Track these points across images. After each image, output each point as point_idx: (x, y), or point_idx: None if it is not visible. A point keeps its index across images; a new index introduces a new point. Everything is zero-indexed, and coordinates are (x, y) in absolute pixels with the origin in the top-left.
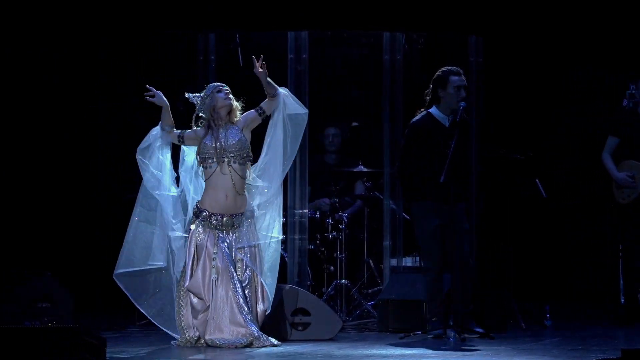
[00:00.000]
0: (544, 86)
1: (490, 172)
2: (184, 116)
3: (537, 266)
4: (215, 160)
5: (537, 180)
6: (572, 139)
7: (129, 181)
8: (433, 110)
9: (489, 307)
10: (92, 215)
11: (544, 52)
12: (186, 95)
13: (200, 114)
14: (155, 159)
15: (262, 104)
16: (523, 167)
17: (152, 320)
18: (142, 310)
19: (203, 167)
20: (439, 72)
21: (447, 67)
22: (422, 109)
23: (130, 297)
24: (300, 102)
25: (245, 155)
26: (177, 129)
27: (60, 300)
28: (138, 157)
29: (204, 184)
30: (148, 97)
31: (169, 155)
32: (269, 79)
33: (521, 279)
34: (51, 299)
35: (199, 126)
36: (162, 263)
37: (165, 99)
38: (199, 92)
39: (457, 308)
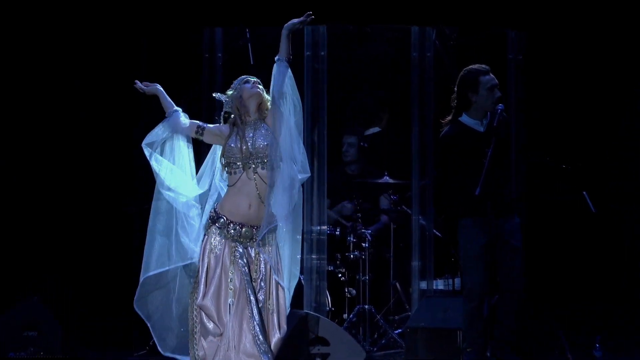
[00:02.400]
0: (594, 87)
1: (533, 184)
2: (190, 117)
3: (586, 291)
4: (240, 164)
5: (585, 194)
6: (629, 148)
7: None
8: (463, 118)
9: (532, 336)
10: (85, 230)
11: (595, 47)
12: (214, 95)
13: (229, 111)
14: (168, 148)
15: None
16: (570, 179)
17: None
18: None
19: (227, 171)
20: (464, 73)
21: (473, 67)
22: (448, 117)
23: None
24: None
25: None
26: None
27: (48, 329)
28: (144, 146)
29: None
30: (140, 88)
31: (185, 144)
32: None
33: (568, 305)
34: (38, 326)
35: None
36: (180, 262)
37: (156, 85)
38: (205, 93)
39: (497, 338)
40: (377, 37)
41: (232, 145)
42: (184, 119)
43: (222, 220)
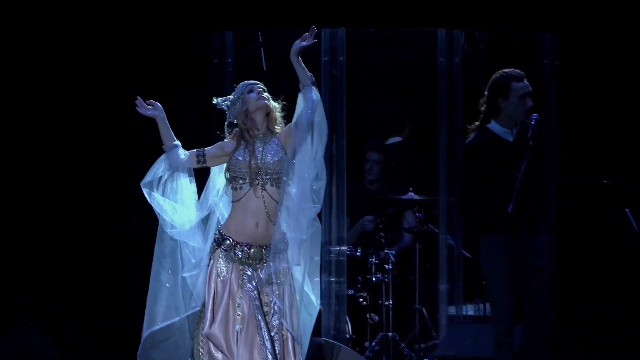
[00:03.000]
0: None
1: (571, 200)
2: (196, 131)
3: (585, 291)
4: (247, 180)
5: (627, 211)
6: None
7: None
8: (492, 124)
9: None
10: (85, 229)
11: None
12: (214, 101)
13: (234, 121)
14: (170, 188)
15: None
16: (612, 194)
17: None
18: None
19: (232, 187)
20: (496, 77)
21: (506, 71)
22: (476, 123)
23: None
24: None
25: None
26: (189, 149)
27: (44, 356)
28: (143, 186)
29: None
30: (138, 109)
31: (187, 180)
32: (303, 65)
33: (568, 305)
34: (33, 354)
35: (230, 133)
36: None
37: (159, 107)
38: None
39: None
40: (400, 41)
41: (240, 158)
42: (183, 153)
43: (228, 242)
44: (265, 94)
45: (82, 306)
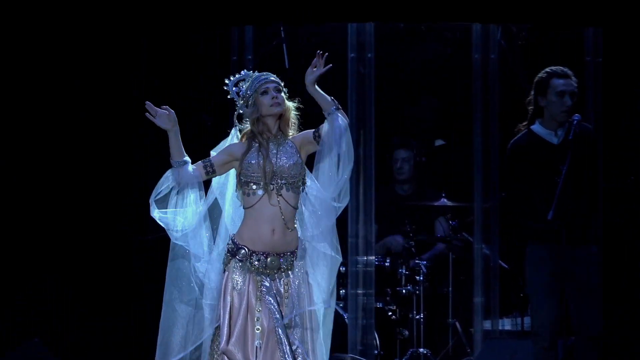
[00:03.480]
0: None
1: (614, 207)
2: (211, 133)
3: None
4: (261, 185)
5: None
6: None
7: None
8: (535, 126)
9: None
10: (85, 229)
11: None
12: (226, 84)
13: (242, 113)
14: (177, 205)
15: (320, 128)
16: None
17: None
18: None
19: (244, 192)
20: (540, 74)
21: (552, 68)
22: (524, 123)
23: None
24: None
25: (301, 182)
26: (200, 152)
27: None
28: (153, 213)
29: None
30: (149, 116)
31: (197, 196)
32: (322, 92)
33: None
34: None
35: (239, 124)
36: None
37: (173, 118)
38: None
39: None
40: (432, 37)
41: (253, 162)
42: (192, 168)
43: (244, 251)
44: (280, 96)
45: (82, 306)
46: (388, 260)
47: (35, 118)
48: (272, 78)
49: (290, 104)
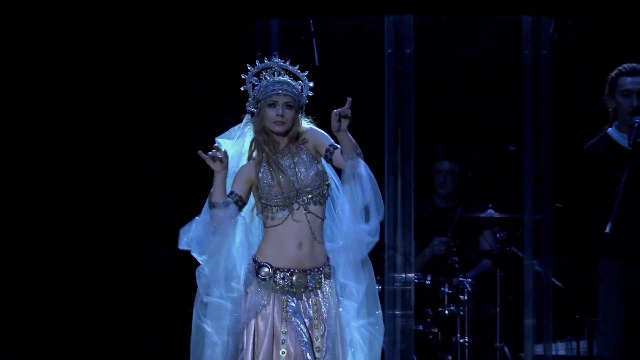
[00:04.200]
0: None
1: None
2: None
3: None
4: (283, 206)
5: None
6: None
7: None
8: (611, 129)
9: None
10: (85, 229)
11: None
12: (245, 72)
13: (250, 110)
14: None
15: (336, 151)
16: None
17: None
18: None
19: (266, 216)
20: (611, 73)
21: (623, 65)
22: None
23: None
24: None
25: (326, 191)
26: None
27: None
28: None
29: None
30: (204, 156)
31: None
32: (349, 135)
33: None
34: None
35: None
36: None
37: (225, 160)
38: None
39: None
40: (478, 31)
41: (272, 183)
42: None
43: (267, 269)
44: (289, 114)
45: (82, 306)
46: (429, 278)
47: (35, 118)
48: (286, 89)
49: (304, 123)
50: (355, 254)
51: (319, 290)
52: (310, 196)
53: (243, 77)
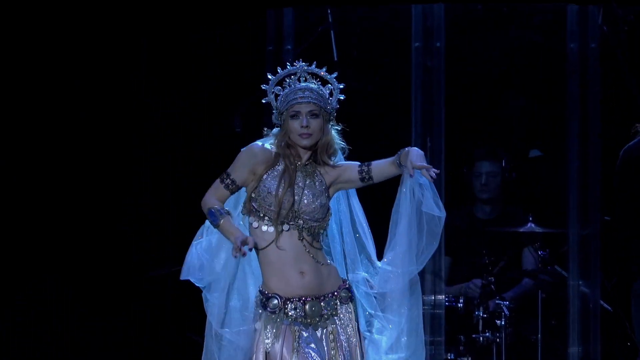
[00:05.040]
0: None
1: None
2: (242, 140)
3: None
4: (271, 220)
5: None
6: None
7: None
8: None
9: None
10: (85, 229)
11: None
12: (266, 83)
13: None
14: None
15: (372, 165)
16: None
17: None
18: None
19: (254, 219)
20: None
21: None
22: None
23: None
24: (437, 197)
25: (322, 231)
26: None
27: None
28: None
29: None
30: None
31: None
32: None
33: None
34: None
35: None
36: None
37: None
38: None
39: None
40: (517, 21)
41: (272, 191)
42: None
43: (276, 301)
44: (315, 124)
45: (82, 306)
46: (461, 301)
47: (35, 118)
48: (309, 96)
49: (333, 132)
50: (398, 281)
51: (335, 318)
52: (303, 224)
53: (264, 87)
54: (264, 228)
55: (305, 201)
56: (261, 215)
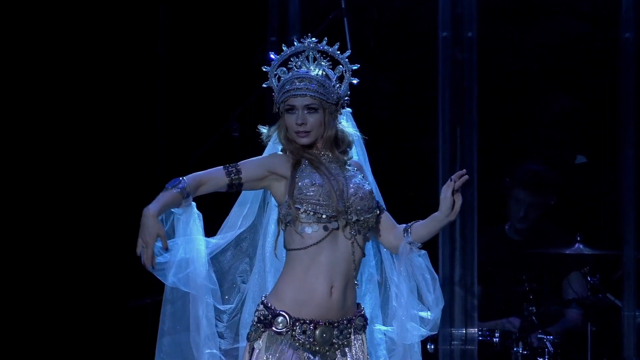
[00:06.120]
0: None
1: None
2: (238, 147)
3: None
4: (324, 218)
5: None
6: None
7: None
8: None
9: None
10: (85, 229)
11: None
12: (266, 66)
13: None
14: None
15: (385, 211)
16: None
17: None
18: None
19: (296, 230)
20: None
21: None
22: None
23: None
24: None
25: (373, 224)
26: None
27: None
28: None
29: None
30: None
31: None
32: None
33: None
34: None
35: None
36: None
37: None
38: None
39: None
40: (562, 9)
41: (316, 182)
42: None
43: (283, 319)
44: (312, 121)
45: (82, 306)
46: (497, 335)
47: (35, 118)
48: (305, 88)
49: (344, 122)
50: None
51: (346, 349)
52: (357, 217)
53: (265, 69)
54: (309, 230)
55: (353, 190)
56: (311, 213)
